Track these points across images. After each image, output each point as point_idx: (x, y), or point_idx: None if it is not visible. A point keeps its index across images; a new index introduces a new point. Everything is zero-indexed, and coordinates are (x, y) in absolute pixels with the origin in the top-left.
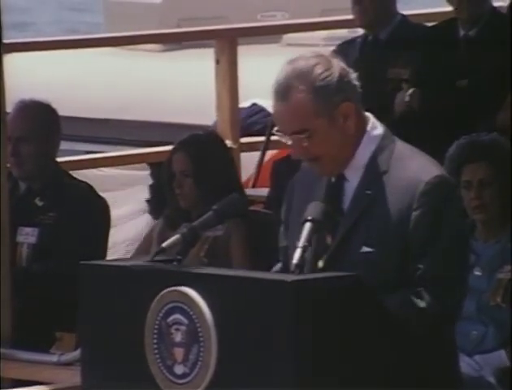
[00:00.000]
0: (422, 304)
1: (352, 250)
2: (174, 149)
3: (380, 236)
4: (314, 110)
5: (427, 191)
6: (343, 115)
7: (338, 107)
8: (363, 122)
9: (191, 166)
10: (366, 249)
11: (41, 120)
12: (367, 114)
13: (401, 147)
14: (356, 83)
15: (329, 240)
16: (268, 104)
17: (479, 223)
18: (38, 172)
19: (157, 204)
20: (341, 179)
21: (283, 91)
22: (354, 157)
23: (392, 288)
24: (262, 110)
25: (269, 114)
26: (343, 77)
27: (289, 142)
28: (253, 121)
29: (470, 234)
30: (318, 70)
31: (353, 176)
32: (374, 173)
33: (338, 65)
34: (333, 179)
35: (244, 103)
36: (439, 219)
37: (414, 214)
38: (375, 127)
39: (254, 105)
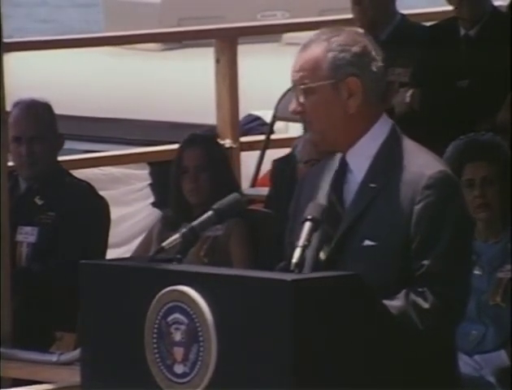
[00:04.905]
0: (425, 305)
1: (354, 243)
2: (185, 144)
3: (383, 230)
4: (322, 70)
5: (430, 185)
6: (348, 91)
7: (345, 79)
8: (370, 110)
9: (207, 160)
10: (368, 242)
11: (48, 119)
12: None
13: (408, 144)
14: (375, 70)
15: (331, 231)
16: (263, 114)
17: (480, 222)
18: (48, 171)
19: (162, 201)
20: (345, 167)
21: (306, 43)
22: (360, 145)
23: (394, 283)
24: (257, 118)
25: (265, 123)
26: (362, 55)
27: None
28: (249, 127)
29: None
30: (342, 37)
31: (358, 167)
32: (380, 166)
33: (365, 44)
34: (337, 167)
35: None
36: (441, 214)
37: (417, 207)
38: (386, 121)
39: (250, 115)
